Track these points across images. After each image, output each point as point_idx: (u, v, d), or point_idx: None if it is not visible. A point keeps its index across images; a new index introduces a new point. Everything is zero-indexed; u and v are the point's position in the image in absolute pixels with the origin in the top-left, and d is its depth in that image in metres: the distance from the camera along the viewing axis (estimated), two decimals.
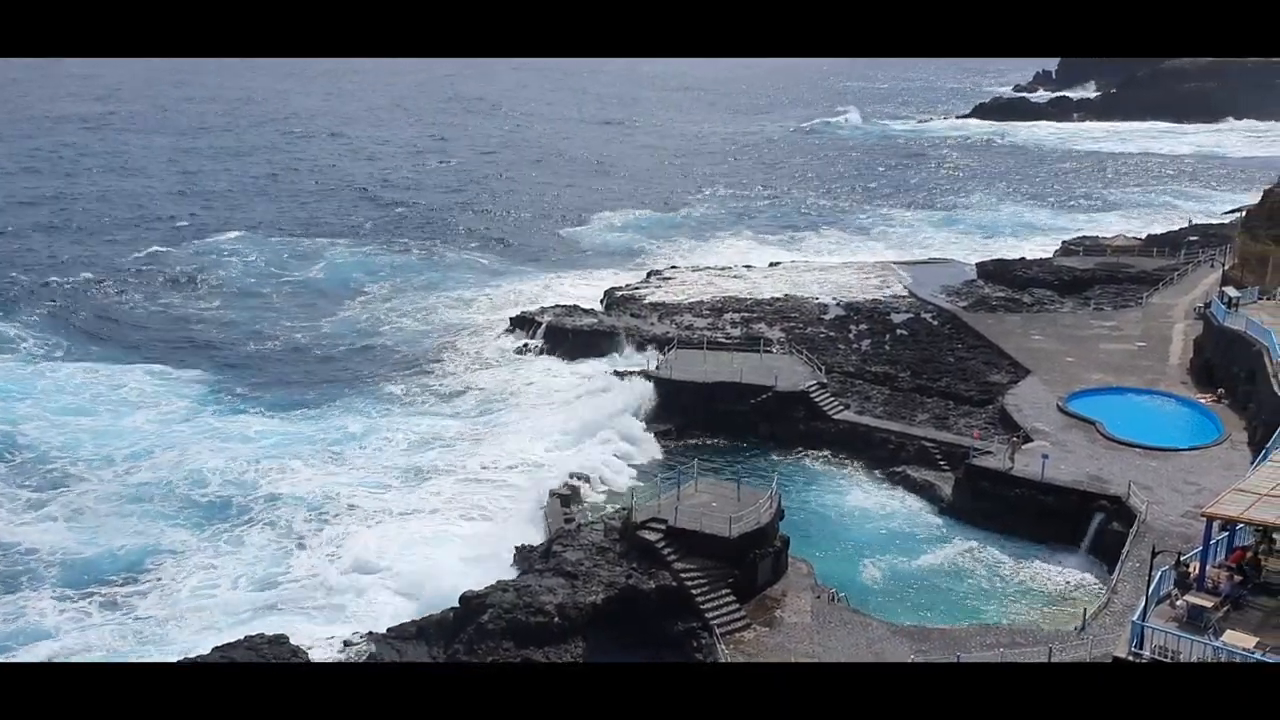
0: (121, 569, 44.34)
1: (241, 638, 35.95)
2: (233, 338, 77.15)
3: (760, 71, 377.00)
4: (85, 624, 40.65)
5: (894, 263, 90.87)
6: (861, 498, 48.50)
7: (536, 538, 43.50)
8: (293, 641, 35.71)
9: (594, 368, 63.51)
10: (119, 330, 78.09)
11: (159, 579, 43.61)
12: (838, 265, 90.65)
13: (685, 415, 55.72)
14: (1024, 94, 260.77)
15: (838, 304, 75.67)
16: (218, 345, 75.31)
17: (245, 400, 63.99)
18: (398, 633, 37.81)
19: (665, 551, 37.91)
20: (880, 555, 42.86)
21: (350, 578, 43.16)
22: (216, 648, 35.20)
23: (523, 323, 71.85)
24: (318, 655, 36.01)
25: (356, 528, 47.34)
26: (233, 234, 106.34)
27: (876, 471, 50.88)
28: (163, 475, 52.66)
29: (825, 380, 57.11)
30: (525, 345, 68.94)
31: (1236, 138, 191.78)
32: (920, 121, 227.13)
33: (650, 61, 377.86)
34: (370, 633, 38.33)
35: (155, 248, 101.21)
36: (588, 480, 49.79)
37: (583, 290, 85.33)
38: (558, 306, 74.25)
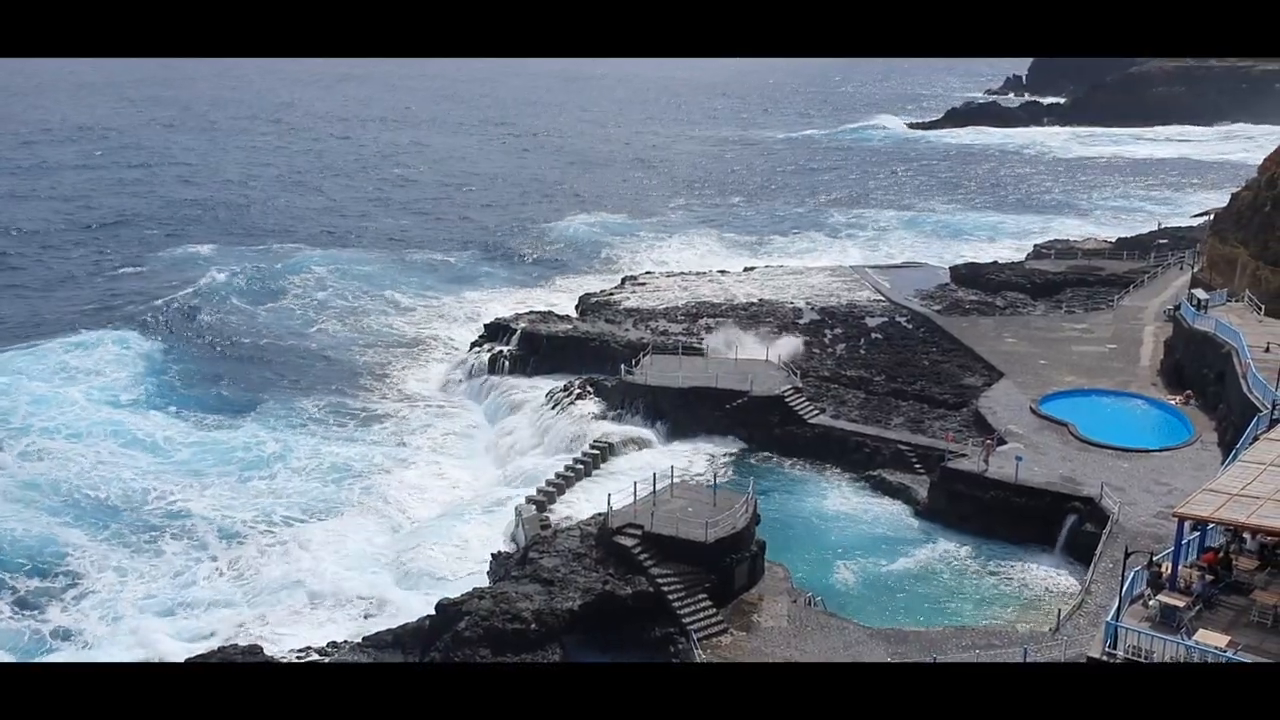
0: (26, 564, 44.78)
1: (215, 649, 35.70)
2: (197, 337, 78.01)
3: (722, 75, 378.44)
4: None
5: (868, 267, 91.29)
6: (837, 501, 48.56)
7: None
8: (266, 652, 35.45)
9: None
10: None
11: (75, 585, 43.91)
12: (812, 269, 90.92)
13: (661, 420, 55.75)
14: (995, 98, 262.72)
15: (812, 308, 75.88)
16: (172, 342, 76.47)
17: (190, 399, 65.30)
18: (374, 641, 37.55)
19: (642, 557, 37.87)
20: (856, 558, 42.93)
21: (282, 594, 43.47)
22: (189, 659, 34.89)
23: (496, 330, 71.49)
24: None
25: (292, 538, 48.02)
26: (207, 245, 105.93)
27: (852, 475, 50.93)
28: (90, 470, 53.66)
29: (800, 385, 57.19)
30: (500, 353, 68.60)
31: (1205, 141, 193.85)
32: (891, 127, 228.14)
33: (641, 66, 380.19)
34: (345, 641, 38.10)
35: (135, 250, 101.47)
36: (560, 487, 49.64)
37: (557, 296, 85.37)
38: (532, 313, 74.07)
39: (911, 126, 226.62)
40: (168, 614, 41.99)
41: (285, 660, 35.72)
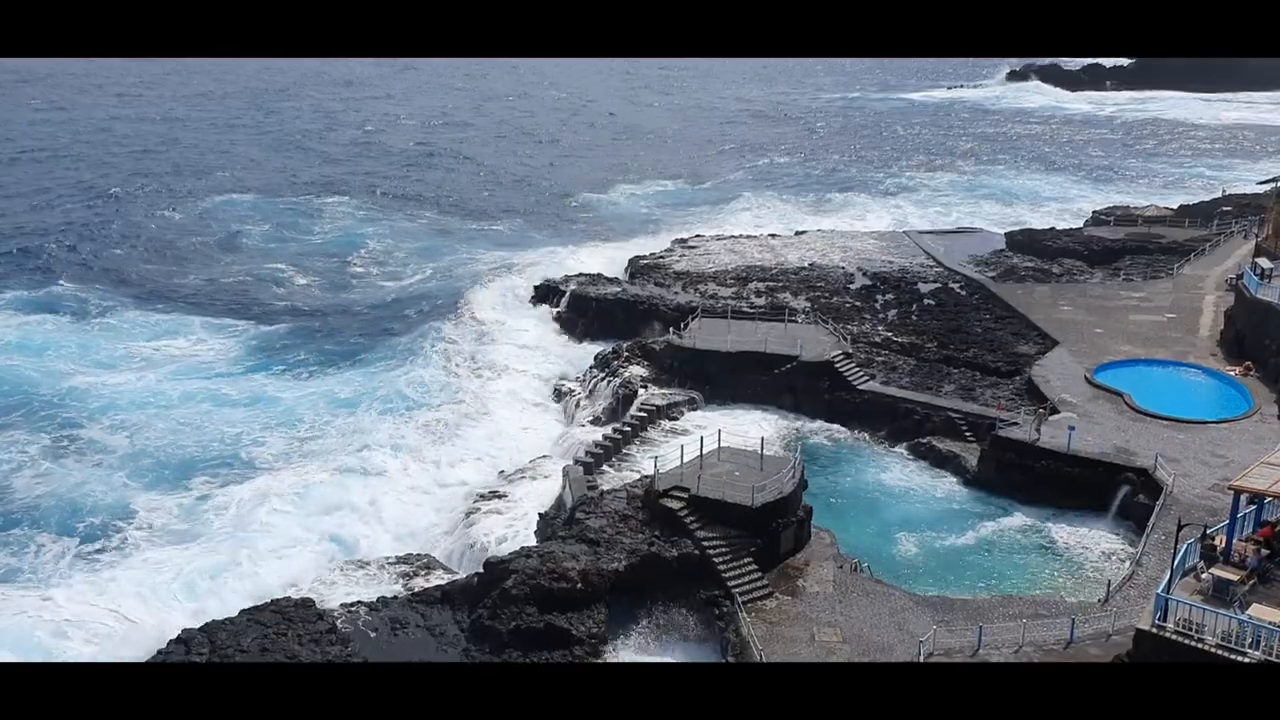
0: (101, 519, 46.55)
1: (268, 601, 36.39)
2: (254, 296, 79.55)
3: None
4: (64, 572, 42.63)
5: (922, 232, 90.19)
6: (886, 468, 48.29)
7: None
8: (318, 606, 36.11)
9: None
10: (146, 284, 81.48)
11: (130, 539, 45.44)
12: (863, 234, 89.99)
13: (709, 384, 55.67)
14: (1056, 59, 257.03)
15: (864, 273, 75.14)
16: (235, 301, 78.12)
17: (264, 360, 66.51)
18: (423, 597, 38.08)
19: (687, 520, 37.98)
20: (904, 526, 42.71)
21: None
22: (244, 610, 35.64)
23: (546, 292, 71.63)
24: (343, 621, 36.34)
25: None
26: (248, 195, 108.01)
27: (902, 442, 50.57)
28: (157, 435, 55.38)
29: (850, 350, 56.81)
30: (553, 315, 68.77)
31: (1273, 107, 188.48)
32: (950, 89, 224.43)
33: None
34: (395, 597, 38.66)
35: (188, 211, 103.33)
36: (608, 450, 49.79)
37: (607, 259, 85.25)
38: (581, 275, 74.06)
39: (970, 89, 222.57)
40: (219, 569, 42.80)
41: (334, 614, 36.33)
